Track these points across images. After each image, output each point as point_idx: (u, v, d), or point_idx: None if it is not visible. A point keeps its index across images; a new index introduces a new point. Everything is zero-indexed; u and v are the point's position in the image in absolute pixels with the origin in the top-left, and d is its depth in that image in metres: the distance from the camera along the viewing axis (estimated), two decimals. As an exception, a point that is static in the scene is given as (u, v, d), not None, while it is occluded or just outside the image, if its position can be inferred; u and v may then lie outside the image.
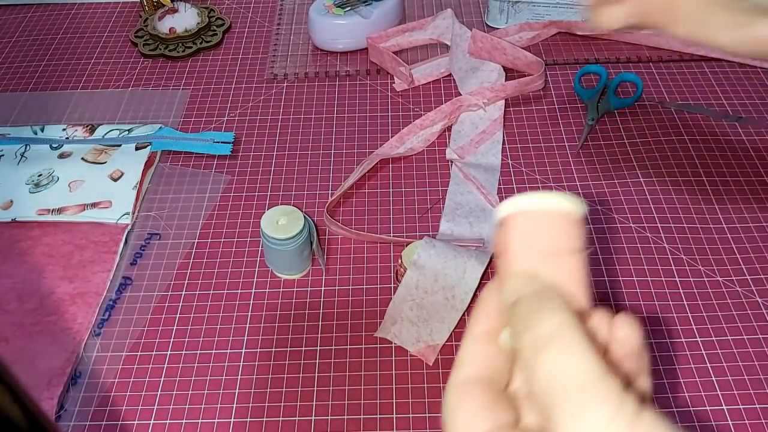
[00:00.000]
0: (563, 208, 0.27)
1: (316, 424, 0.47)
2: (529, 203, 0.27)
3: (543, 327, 0.23)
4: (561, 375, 0.22)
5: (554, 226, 0.27)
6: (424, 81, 0.74)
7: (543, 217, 0.27)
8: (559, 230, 0.27)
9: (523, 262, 0.27)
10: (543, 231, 0.27)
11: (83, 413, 0.49)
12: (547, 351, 0.23)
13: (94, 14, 0.87)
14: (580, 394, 0.22)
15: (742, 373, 0.48)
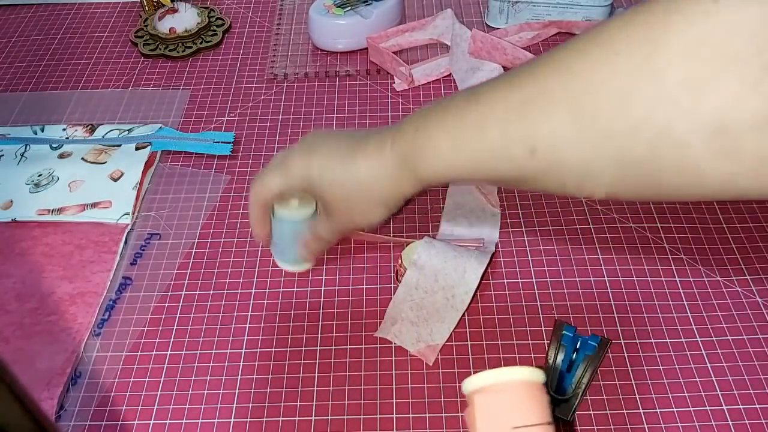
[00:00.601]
0: (526, 380, 0.29)
1: (316, 424, 0.47)
2: (491, 379, 0.29)
3: None
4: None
5: (519, 400, 0.29)
6: (424, 81, 0.74)
7: (507, 393, 0.29)
8: (524, 405, 0.29)
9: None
10: (508, 406, 0.29)
11: (83, 413, 0.49)
12: None
13: (94, 14, 0.87)
14: None
15: (742, 373, 0.48)
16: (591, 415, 0.47)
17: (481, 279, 0.52)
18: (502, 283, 0.55)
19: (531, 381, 0.29)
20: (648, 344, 0.50)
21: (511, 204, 0.60)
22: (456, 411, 0.47)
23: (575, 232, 0.58)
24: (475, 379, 0.29)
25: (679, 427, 0.46)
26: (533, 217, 0.59)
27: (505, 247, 0.57)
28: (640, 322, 0.52)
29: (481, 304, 0.53)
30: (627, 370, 0.49)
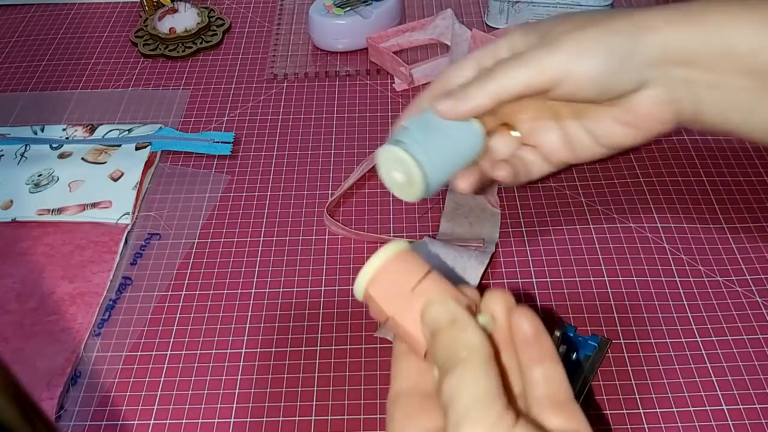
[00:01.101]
0: (392, 254, 0.31)
1: (316, 424, 0.47)
2: (369, 271, 0.31)
3: (456, 355, 0.28)
4: (460, 391, 0.27)
5: (400, 269, 0.31)
6: (424, 81, 0.74)
7: (389, 271, 0.31)
8: (403, 270, 0.31)
9: (401, 309, 0.31)
10: (396, 280, 0.31)
11: (83, 413, 0.49)
12: (454, 372, 0.27)
13: (94, 14, 0.87)
14: (470, 408, 0.26)
15: (742, 373, 0.48)
16: (591, 415, 0.47)
17: (481, 279, 0.52)
18: (501, 283, 0.55)
19: (397, 251, 0.31)
20: (648, 344, 0.50)
21: (511, 204, 0.60)
22: (456, 411, 0.47)
23: (575, 232, 0.58)
24: (359, 282, 0.31)
25: (679, 427, 0.46)
26: (533, 217, 0.59)
27: (505, 247, 0.57)
28: (640, 322, 0.52)
29: (481, 304, 0.53)
30: (627, 370, 0.49)
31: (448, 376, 0.27)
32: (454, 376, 0.27)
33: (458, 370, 0.27)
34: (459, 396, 0.27)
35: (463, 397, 0.27)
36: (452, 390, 0.27)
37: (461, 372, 0.27)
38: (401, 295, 0.30)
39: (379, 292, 0.31)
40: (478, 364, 0.27)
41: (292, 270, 0.57)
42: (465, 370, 0.27)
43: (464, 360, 0.28)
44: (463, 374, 0.27)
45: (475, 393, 0.27)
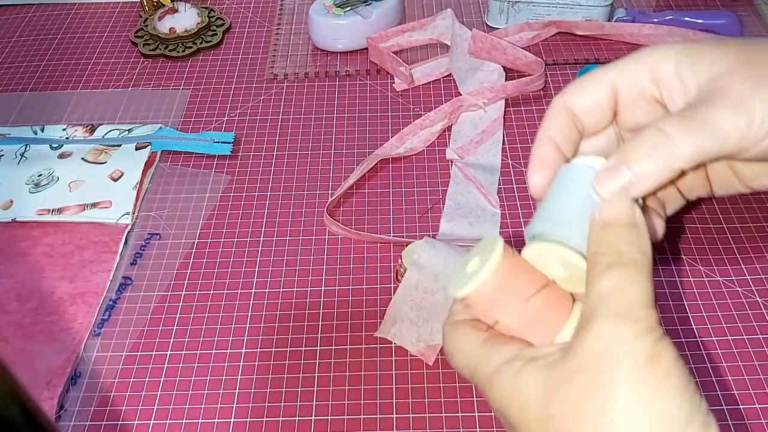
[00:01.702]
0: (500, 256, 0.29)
1: (316, 424, 0.47)
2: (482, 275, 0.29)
3: (624, 255, 0.27)
4: (618, 291, 0.26)
5: (513, 277, 0.29)
6: (424, 81, 0.74)
7: (501, 278, 0.29)
8: (519, 277, 0.29)
9: (514, 317, 0.29)
10: (509, 286, 0.29)
11: (83, 413, 0.49)
12: (617, 269, 0.27)
13: (94, 14, 0.87)
14: (622, 310, 0.26)
15: (742, 373, 0.48)
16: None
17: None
18: (502, 283, 0.55)
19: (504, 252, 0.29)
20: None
21: (511, 204, 0.60)
22: (456, 411, 0.47)
23: (575, 232, 0.58)
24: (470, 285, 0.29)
25: (679, 427, 0.46)
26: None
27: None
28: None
29: (481, 304, 0.53)
30: (627, 370, 0.49)
31: (613, 270, 0.27)
32: (622, 273, 0.27)
33: (628, 268, 0.27)
34: (624, 293, 0.26)
35: (627, 295, 0.26)
36: (616, 285, 0.26)
37: (630, 271, 0.27)
38: (514, 302, 0.29)
39: (490, 299, 0.29)
40: (647, 270, 0.27)
41: (292, 270, 0.57)
42: (634, 271, 0.27)
43: (635, 261, 0.27)
44: (632, 274, 0.27)
45: (639, 295, 0.26)
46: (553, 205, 0.31)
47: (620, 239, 0.28)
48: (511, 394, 0.28)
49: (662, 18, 0.77)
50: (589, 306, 0.27)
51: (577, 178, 0.31)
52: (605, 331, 0.26)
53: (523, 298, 0.29)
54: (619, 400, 0.25)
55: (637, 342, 0.25)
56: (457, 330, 0.31)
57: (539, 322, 0.30)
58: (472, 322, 0.31)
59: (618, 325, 0.26)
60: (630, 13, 0.78)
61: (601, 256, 0.28)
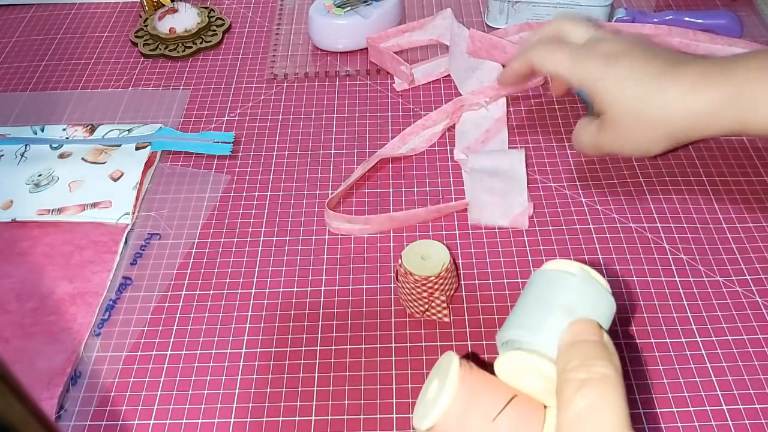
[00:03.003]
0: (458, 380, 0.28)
1: (316, 424, 0.47)
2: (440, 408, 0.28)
3: (594, 370, 0.27)
4: (595, 413, 0.26)
5: (478, 398, 0.28)
6: (424, 81, 0.74)
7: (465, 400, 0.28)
8: (485, 396, 0.29)
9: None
10: (472, 412, 0.28)
11: (83, 413, 0.49)
12: (591, 387, 0.26)
13: (94, 14, 0.87)
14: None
15: (742, 373, 0.48)
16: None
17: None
18: (502, 284, 0.55)
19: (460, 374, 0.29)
20: (648, 344, 0.50)
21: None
22: (456, 411, 0.47)
23: (575, 232, 0.58)
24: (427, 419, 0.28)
25: (679, 427, 0.46)
26: (534, 217, 0.59)
27: (505, 246, 0.57)
28: (640, 322, 0.52)
29: (481, 305, 0.53)
30: (627, 369, 0.49)
31: (586, 388, 0.26)
32: (596, 391, 0.26)
33: (602, 386, 0.26)
34: (601, 416, 0.25)
35: (605, 418, 0.25)
36: (591, 406, 0.26)
37: (604, 390, 0.26)
38: (482, 425, 0.28)
39: (456, 427, 0.28)
40: (621, 388, 0.26)
41: (292, 270, 0.57)
42: (609, 389, 0.26)
43: (607, 378, 0.26)
44: (606, 393, 0.26)
45: (616, 417, 0.25)
46: (528, 311, 0.30)
47: (590, 354, 0.28)
48: None
49: (662, 18, 0.77)
50: (566, 427, 0.26)
51: (553, 286, 0.30)
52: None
53: (490, 418, 0.28)
54: None
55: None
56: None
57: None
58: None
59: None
60: (630, 13, 0.78)
61: (571, 372, 0.27)
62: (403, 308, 0.53)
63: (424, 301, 0.51)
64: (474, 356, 0.50)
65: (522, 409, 0.29)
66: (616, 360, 0.28)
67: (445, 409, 0.28)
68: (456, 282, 0.53)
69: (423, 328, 0.52)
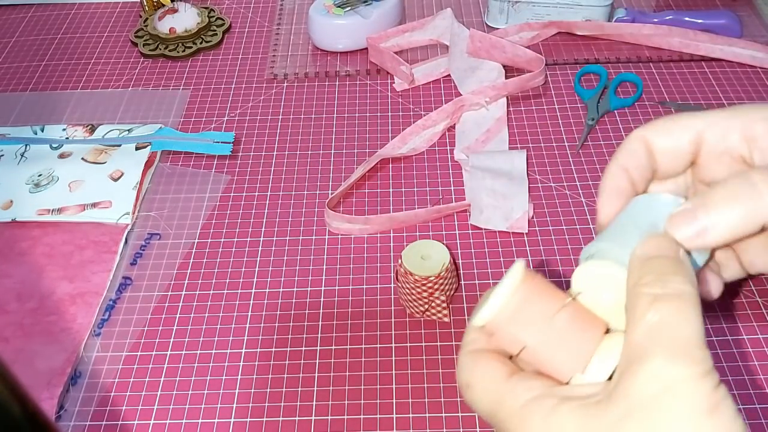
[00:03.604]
0: (521, 278, 0.28)
1: (316, 424, 0.47)
2: (501, 296, 0.28)
3: (671, 286, 0.25)
4: (669, 328, 0.24)
5: (534, 297, 0.28)
6: (424, 81, 0.74)
7: (521, 299, 0.28)
8: (541, 296, 0.28)
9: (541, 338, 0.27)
10: (531, 307, 0.28)
11: (83, 413, 0.49)
12: (666, 301, 0.24)
13: (94, 14, 0.87)
14: (679, 349, 0.23)
15: (742, 373, 0.48)
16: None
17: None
18: (502, 283, 0.55)
19: (525, 274, 0.28)
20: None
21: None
22: (456, 411, 0.47)
23: (575, 232, 0.58)
24: (488, 308, 0.28)
25: (679, 427, 0.46)
26: (534, 218, 0.59)
27: (505, 247, 0.57)
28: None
29: (481, 304, 0.53)
30: (627, 370, 0.49)
31: (660, 302, 0.24)
32: (672, 306, 0.24)
33: (678, 302, 0.24)
34: (677, 329, 0.24)
35: (681, 332, 0.24)
36: (666, 320, 0.24)
37: (680, 305, 0.24)
38: (538, 319, 0.28)
39: (512, 320, 0.28)
40: (698, 307, 0.25)
41: (292, 270, 0.57)
42: (685, 306, 0.24)
43: (683, 294, 0.24)
44: (683, 309, 0.24)
45: (693, 333, 0.24)
46: (618, 230, 0.30)
47: (665, 269, 0.26)
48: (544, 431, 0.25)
49: (662, 18, 0.77)
50: (635, 342, 0.25)
51: (650, 211, 0.29)
52: (660, 371, 0.23)
53: (548, 315, 0.27)
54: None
55: (697, 387, 0.23)
56: (478, 360, 0.29)
57: (567, 342, 0.27)
58: (494, 352, 0.29)
59: (675, 366, 0.23)
60: (630, 13, 0.78)
61: (644, 286, 0.25)
62: (403, 308, 0.53)
63: (424, 301, 0.51)
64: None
65: (580, 315, 0.28)
66: (694, 278, 0.26)
67: (505, 298, 0.28)
68: (456, 282, 0.53)
69: (423, 328, 0.52)
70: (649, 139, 0.32)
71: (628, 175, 0.32)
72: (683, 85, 0.72)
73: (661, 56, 0.75)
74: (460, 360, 0.30)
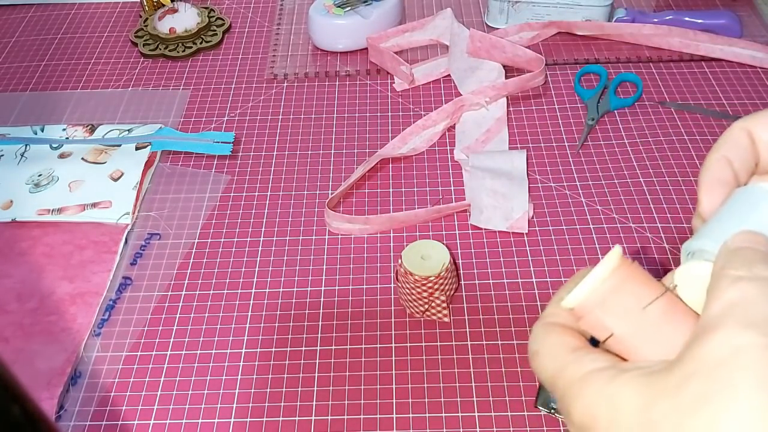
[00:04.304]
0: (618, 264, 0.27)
1: (316, 424, 0.47)
2: (596, 279, 0.27)
3: (756, 271, 0.24)
4: (747, 303, 0.23)
5: (629, 284, 0.27)
6: (423, 81, 0.74)
7: (616, 284, 0.27)
8: (636, 284, 0.27)
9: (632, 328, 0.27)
10: (625, 294, 0.27)
11: (83, 413, 0.49)
12: (747, 282, 0.24)
13: (94, 14, 0.87)
14: (755, 321, 0.23)
15: (742, 373, 0.48)
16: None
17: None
18: (501, 284, 0.55)
19: (622, 261, 0.27)
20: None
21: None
22: (456, 411, 0.47)
23: (575, 232, 0.58)
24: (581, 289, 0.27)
25: (679, 427, 0.46)
26: (534, 217, 0.59)
27: (505, 247, 0.57)
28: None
29: (481, 305, 0.53)
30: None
31: (742, 282, 0.24)
32: (754, 285, 0.24)
33: (760, 284, 0.24)
34: (756, 303, 0.23)
35: (760, 307, 0.23)
36: (746, 296, 0.23)
37: (762, 287, 0.24)
38: (631, 309, 0.27)
39: (603, 306, 0.27)
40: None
41: (292, 270, 0.57)
42: (766, 287, 0.24)
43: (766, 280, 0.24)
44: (765, 290, 0.24)
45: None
46: (719, 225, 0.28)
47: (754, 258, 0.25)
48: (601, 398, 0.25)
49: (662, 18, 0.77)
50: (709, 316, 0.24)
51: (753, 205, 0.28)
52: (732, 337, 0.23)
53: (641, 305, 0.27)
54: (741, 411, 0.22)
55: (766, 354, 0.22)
56: (550, 332, 0.28)
57: (656, 335, 0.26)
58: (568, 327, 0.28)
59: (748, 333, 0.22)
60: (630, 13, 0.78)
61: (729, 269, 0.25)
62: (403, 308, 0.53)
63: (424, 301, 0.51)
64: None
65: (675, 308, 0.27)
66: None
67: (598, 280, 0.27)
68: (456, 282, 0.53)
69: (423, 328, 0.52)
70: (752, 129, 0.31)
71: (731, 166, 0.31)
72: (683, 85, 0.72)
73: (661, 56, 0.75)
74: (533, 330, 0.29)
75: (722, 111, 0.68)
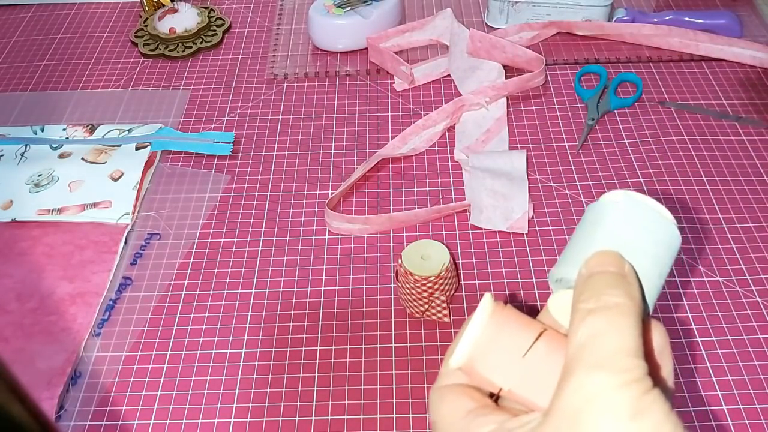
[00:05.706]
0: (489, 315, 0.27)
1: (316, 424, 0.47)
2: (468, 339, 0.27)
3: (604, 299, 0.25)
4: (596, 340, 0.24)
5: (504, 335, 0.27)
6: (423, 81, 0.74)
7: (490, 339, 0.27)
8: (511, 333, 0.27)
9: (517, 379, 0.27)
10: (502, 346, 0.27)
11: (83, 413, 0.49)
12: (598, 314, 0.25)
13: (94, 14, 0.87)
14: (601, 360, 0.23)
15: (742, 373, 0.48)
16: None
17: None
18: (501, 284, 0.55)
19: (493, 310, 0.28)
20: (648, 344, 0.50)
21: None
22: (456, 411, 0.47)
23: (575, 232, 0.58)
24: (458, 353, 0.27)
25: (679, 427, 0.46)
26: (534, 218, 0.59)
27: (505, 247, 0.57)
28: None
29: (481, 304, 0.53)
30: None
31: (593, 316, 0.25)
32: (603, 318, 0.24)
33: (610, 313, 0.24)
34: (604, 340, 0.24)
35: (608, 342, 0.24)
36: (595, 332, 0.24)
37: (611, 316, 0.24)
38: (511, 360, 0.27)
39: (485, 363, 0.27)
40: (634, 317, 0.24)
41: (292, 270, 0.57)
42: (617, 316, 0.24)
43: (618, 306, 0.25)
44: (614, 319, 0.24)
45: (622, 342, 0.24)
46: (577, 247, 0.29)
47: (603, 284, 0.26)
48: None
49: (662, 18, 0.77)
50: (567, 358, 0.25)
51: (600, 217, 0.29)
52: (583, 383, 0.23)
53: (521, 353, 0.27)
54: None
55: (619, 394, 0.23)
56: (444, 397, 0.29)
57: (542, 378, 0.27)
58: (463, 387, 0.29)
59: (597, 376, 0.23)
60: (630, 13, 0.78)
61: (581, 303, 0.26)
62: (403, 308, 0.53)
63: (424, 301, 0.51)
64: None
65: (558, 345, 0.27)
66: (635, 290, 0.26)
67: (473, 341, 0.27)
68: (456, 282, 0.53)
69: (423, 328, 0.52)
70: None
71: None
72: (683, 85, 0.72)
73: (661, 56, 0.75)
74: (430, 397, 0.30)
75: (722, 111, 0.68)
